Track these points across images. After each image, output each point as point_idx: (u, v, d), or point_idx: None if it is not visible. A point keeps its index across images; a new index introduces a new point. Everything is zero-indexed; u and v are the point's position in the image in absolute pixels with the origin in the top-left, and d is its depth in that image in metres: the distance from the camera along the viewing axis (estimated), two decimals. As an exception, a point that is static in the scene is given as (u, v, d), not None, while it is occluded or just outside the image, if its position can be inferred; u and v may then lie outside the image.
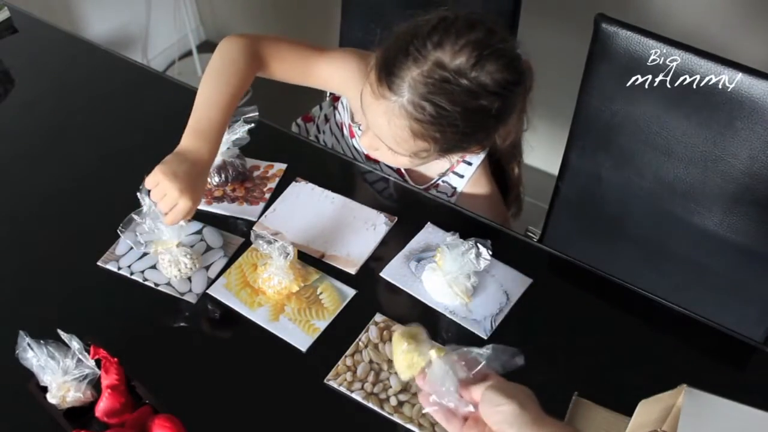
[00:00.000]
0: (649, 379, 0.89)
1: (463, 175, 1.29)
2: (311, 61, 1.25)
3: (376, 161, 1.31)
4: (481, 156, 1.28)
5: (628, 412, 0.84)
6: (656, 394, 0.81)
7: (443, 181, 1.30)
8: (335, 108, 1.41)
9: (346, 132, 1.36)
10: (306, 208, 1.20)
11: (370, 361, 1.01)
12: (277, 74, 1.26)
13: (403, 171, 1.32)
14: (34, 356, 0.93)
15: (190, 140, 1.09)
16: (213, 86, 1.15)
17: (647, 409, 0.82)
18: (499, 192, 1.35)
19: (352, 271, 1.12)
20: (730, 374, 1.04)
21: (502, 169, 1.35)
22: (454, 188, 1.30)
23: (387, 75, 1.08)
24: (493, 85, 1.07)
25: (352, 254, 1.14)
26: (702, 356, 1.04)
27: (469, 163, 1.28)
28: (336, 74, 1.26)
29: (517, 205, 1.42)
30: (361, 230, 1.17)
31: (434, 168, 1.29)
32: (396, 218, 1.19)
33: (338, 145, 1.39)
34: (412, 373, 0.84)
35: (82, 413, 0.95)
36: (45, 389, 0.95)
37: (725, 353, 1.04)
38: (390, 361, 1.00)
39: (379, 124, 1.12)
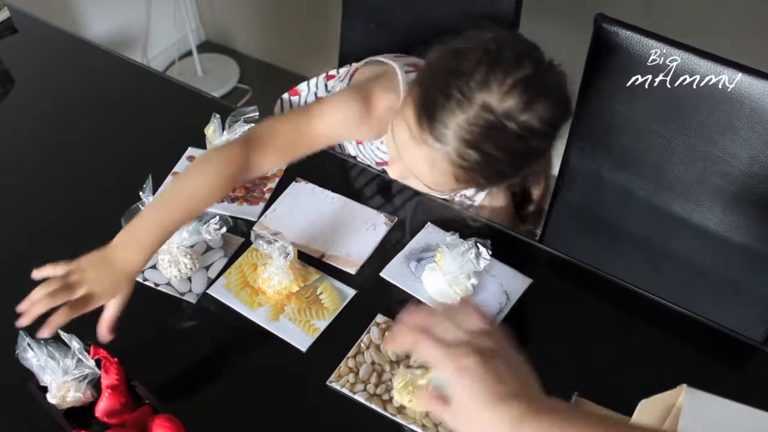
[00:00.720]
0: (649, 379, 0.89)
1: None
2: (303, 128, 1.11)
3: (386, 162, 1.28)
4: None
5: (628, 412, 0.84)
6: (656, 394, 0.81)
7: (462, 194, 1.28)
8: (327, 90, 1.38)
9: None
10: (306, 208, 1.20)
11: (372, 363, 1.00)
12: (271, 164, 1.13)
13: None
14: (34, 356, 0.93)
15: (120, 248, 0.98)
16: (165, 201, 1.02)
17: (647, 409, 0.82)
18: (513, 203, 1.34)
19: (352, 271, 1.12)
20: (730, 374, 1.04)
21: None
22: (473, 201, 1.29)
23: (429, 120, 0.99)
24: (543, 127, 1.00)
25: (352, 254, 1.14)
26: (702, 356, 1.04)
27: None
28: (335, 127, 1.13)
29: (536, 219, 1.38)
30: (361, 230, 1.17)
31: None
32: (396, 218, 1.19)
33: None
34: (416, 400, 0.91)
35: (82, 413, 0.95)
36: (45, 389, 0.95)
37: (725, 353, 1.04)
38: (392, 362, 1.00)
39: (419, 169, 1.06)
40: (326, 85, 1.40)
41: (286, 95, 1.45)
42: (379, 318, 1.05)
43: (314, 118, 1.11)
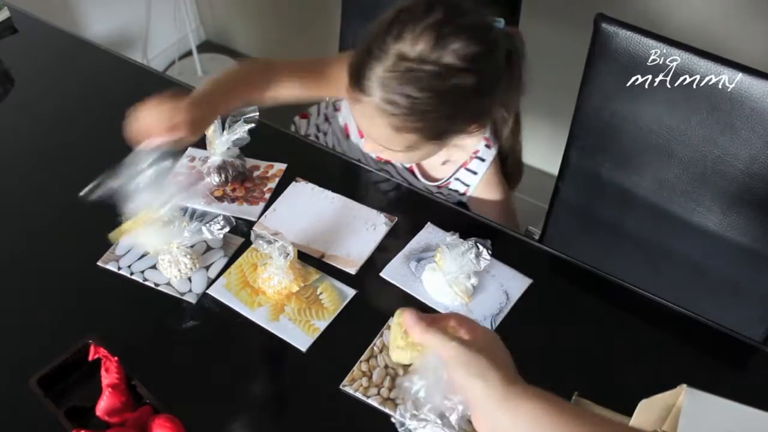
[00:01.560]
0: (649, 379, 0.89)
1: (476, 171, 1.29)
2: (321, 65, 1.28)
3: (389, 161, 1.31)
4: (493, 152, 1.28)
5: (628, 412, 0.84)
6: (656, 394, 0.81)
7: (456, 179, 1.31)
8: (336, 110, 1.41)
9: (353, 135, 1.36)
10: (306, 208, 1.20)
11: (386, 366, 1.00)
12: (291, 87, 1.26)
13: (415, 170, 1.32)
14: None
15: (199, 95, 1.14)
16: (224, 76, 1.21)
17: (647, 409, 0.82)
18: (509, 195, 1.36)
19: (352, 271, 1.12)
20: (730, 374, 1.04)
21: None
22: (467, 185, 1.31)
23: (357, 79, 1.09)
24: (461, 62, 1.05)
25: (352, 254, 1.14)
26: (702, 356, 1.04)
27: (482, 159, 1.28)
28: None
29: (516, 173, 1.39)
30: (361, 230, 1.17)
31: (447, 167, 1.30)
32: (396, 218, 1.19)
33: (339, 147, 1.39)
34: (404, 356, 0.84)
35: (82, 413, 0.95)
36: (46, 387, 0.95)
37: (725, 353, 1.04)
38: (405, 366, 1.00)
39: (364, 126, 1.16)
40: (334, 105, 1.42)
41: (297, 117, 1.52)
42: (392, 322, 1.05)
43: (330, 61, 1.28)
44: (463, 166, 1.29)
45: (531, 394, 0.70)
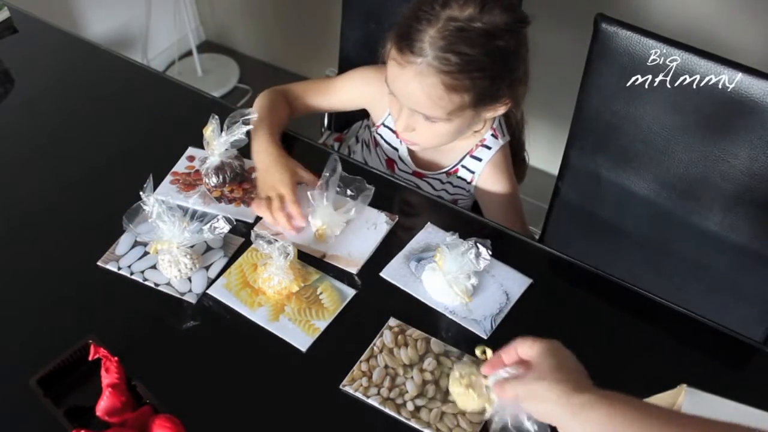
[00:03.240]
0: (649, 379, 0.89)
1: (481, 158, 1.32)
2: (331, 84, 1.41)
3: (392, 167, 1.36)
4: (500, 142, 1.31)
5: (628, 412, 0.84)
6: (656, 394, 0.81)
7: (463, 166, 1.34)
8: (368, 127, 1.47)
9: (384, 135, 1.40)
10: (305, 209, 1.20)
11: (386, 366, 1.00)
12: (307, 104, 1.40)
13: (422, 173, 1.36)
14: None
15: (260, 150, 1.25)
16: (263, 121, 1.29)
17: (647, 409, 0.81)
18: (517, 191, 1.39)
19: (354, 270, 1.12)
20: (730, 374, 1.04)
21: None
22: (473, 172, 1.33)
23: (407, 43, 1.15)
24: (504, 25, 1.15)
25: (354, 254, 1.14)
26: (702, 356, 1.04)
27: (488, 147, 1.31)
28: (355, 86, 1.38)
29: (522, 169, 1.47)
30: (362, 229, 1.17)
31: (454, 155, 1.33)
32: (397, 217, 1.19)
33: (369, 158, 1.46)
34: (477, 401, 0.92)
35: (82, 413, 0.95)
36: (46, 387, 0.95)
37: (725, 353, 1.04)
38: (405, 366, 1.00)
39: (411, 91, 1.17)
40: (369, 128, 1.47)
41: (332, 140, 1.62)
42: (392, 321, 1.05)
43: (338, 81, 1.41)
44: (470, 153, 1.33)
45: (599, 400, 0.75)
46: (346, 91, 1.40)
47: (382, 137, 1.40)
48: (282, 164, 1.22)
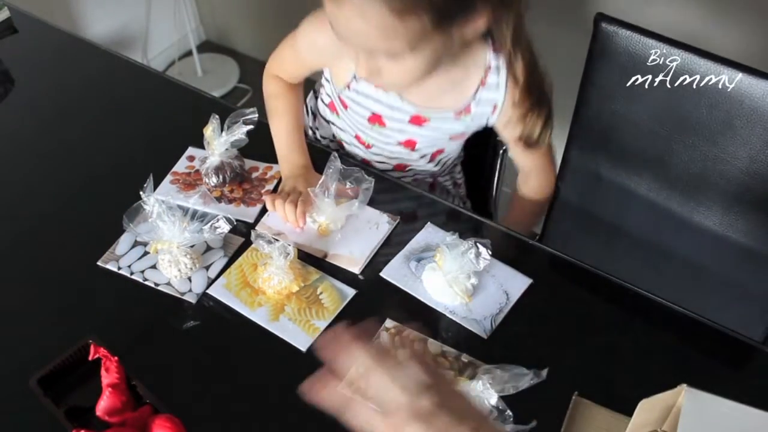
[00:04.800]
0: (649, 379, 0.89)
1: (498, 83, 1.18)
2: (294, 51, 1.31)
3: (379, 121, 1.25)
4: (503, 60, 1.17)
5: (628, 412, 0.84)
6: (656, 394, 0.81)
7: (477, 101, 1.21)
8: (317, 97, 1.41)
9: (338, 108, 1.31)
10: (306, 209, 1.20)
11: None
12: (296, 80, 1.36)
13: (423, 117, 1.22)
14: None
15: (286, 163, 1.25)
16: (279, 126, 1.29)
17: (647, 409, 0.82)
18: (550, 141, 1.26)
19: (356, 270, 1.12)
20: (730, 374, 1.04)
21: None
22: (495, 103, 1.20)
23: None
24: None
25: (355, 253, 1.14)
26: (702, 356, 1.04)
27: (498, 68, 1.18)
28: (310, 50, 1.26)
29: (543, 118, 1.23)
30: (363, 230, 1.17)
31: (460, 92, 1.20)
32: (398, 218, 1.19)
33: (341, 132, 1.35)
34: None
35: (82, 412, 0.95)
36: (46, 387, 0.95)
37: (725, 353, 1.04)
38: None
39: (356, 29, 1.00)
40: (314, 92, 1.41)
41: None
42: (389, 323, 1.05)
43: (296, 43, 1.30)
44: (482, 85, 1.19)
45: None
46: (304, 54, 1.28)
47: (358, 93, 1.24)
48: (309, 177, 1.23)
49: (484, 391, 0.88)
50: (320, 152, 1.34)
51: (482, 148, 1.53)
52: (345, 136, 1.36)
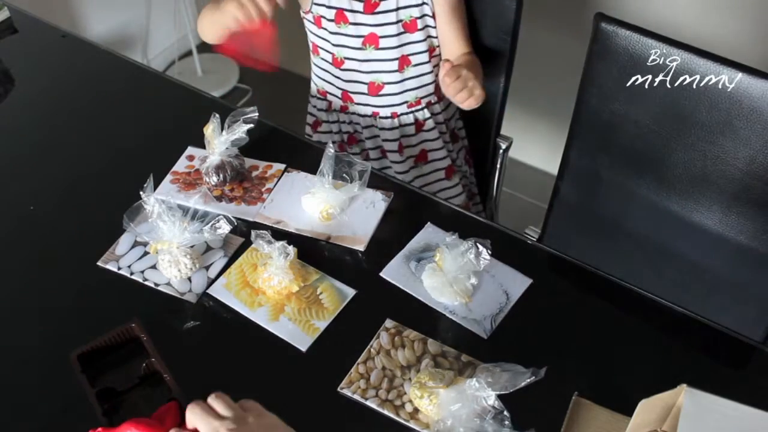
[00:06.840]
0: (649, 379, 0.89)
1: None
2: None
3: (344, 18, 1.34)
4: None
5: (628, 412, 0.84)
6: (656, 394, 0.81)
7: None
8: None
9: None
10: (303, 195, 1.21)
11: (383, 368, 1.00)
12: None
13: (372, 2, 1.35)
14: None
15: None
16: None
17: (647, 409, 0.82)
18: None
19: (361, 248, 1.14)
20: (730, 374, 1.04)
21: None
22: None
23: None
24: None
25: (358, 232, 1.16)
26: (702, 356, 1.04)
27: None
28: None
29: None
30: (361, 209, 1.19)
31: None
32: (392, 194, 1.20)
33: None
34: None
35: (112, 395, 0.96)
36: (84, 364, 0.96)
37: (725, 353, 1.04)
38: (403, 368, 1.00)
39: None
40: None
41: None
42: (389, 323, 1.05)
43: None
44: None
45: None
46: None
47: (319, 4, 1.38)
48: None
49: (481, 390, 0.88)
50: (318, 151, 1.34)
51: (482, 149, 1.53)
52: (324, 65, 1.45)
